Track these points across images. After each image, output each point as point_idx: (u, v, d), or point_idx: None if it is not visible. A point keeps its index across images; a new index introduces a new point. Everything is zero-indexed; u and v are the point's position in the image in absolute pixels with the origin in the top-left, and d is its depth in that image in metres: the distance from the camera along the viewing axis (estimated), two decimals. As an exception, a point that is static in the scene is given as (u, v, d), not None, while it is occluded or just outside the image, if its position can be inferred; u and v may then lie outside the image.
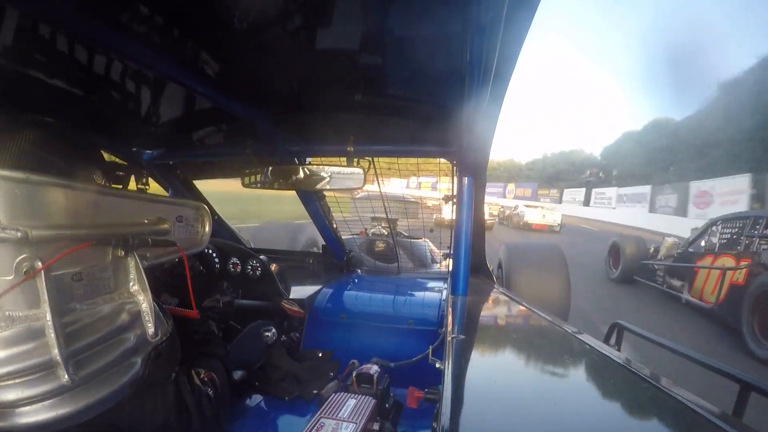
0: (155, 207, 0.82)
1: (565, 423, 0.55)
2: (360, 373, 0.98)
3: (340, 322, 1.47)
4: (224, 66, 0.89)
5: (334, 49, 0.84)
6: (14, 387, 0.53)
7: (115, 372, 0.64)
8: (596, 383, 0.73)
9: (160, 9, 0.68)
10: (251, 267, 1.62)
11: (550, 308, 1.38)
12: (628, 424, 0.57)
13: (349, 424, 0.73)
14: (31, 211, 0.55)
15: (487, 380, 0.71)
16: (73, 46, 0.76)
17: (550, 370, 0.80)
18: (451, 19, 0.67)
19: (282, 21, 0.73)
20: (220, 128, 1.37)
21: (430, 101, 1.05)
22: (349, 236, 2.18)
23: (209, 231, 0.98)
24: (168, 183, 1.65)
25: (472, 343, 0.87)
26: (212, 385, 0.86)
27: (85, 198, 0.63)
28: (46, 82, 0.83)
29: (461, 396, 0.60)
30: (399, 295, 1.59)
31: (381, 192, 1.68)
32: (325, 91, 1.05)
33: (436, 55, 0.81)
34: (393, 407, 0.97)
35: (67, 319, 0.58)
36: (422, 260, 2.24)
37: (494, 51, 0.63)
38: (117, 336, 0.65)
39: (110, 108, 1.05)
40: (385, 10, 0.69)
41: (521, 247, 2.68)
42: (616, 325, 1.21)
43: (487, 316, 1.25)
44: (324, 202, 1.74)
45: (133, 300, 0.70)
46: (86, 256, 0.62)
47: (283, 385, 1.22)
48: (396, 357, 1.20)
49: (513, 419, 0.56)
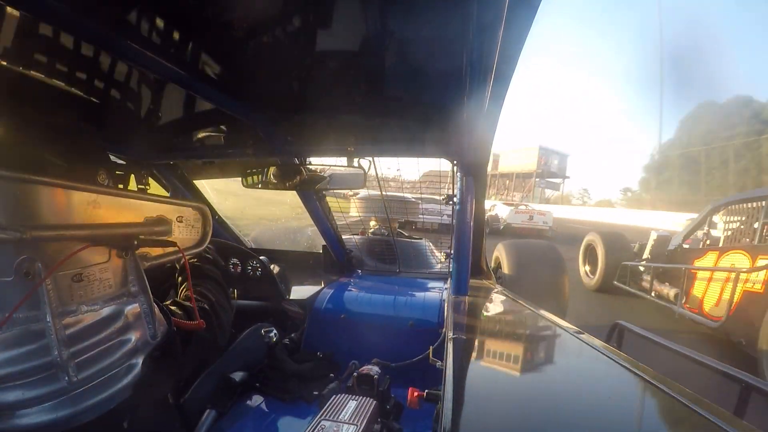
0: (156, 207, 0.82)
1: (565, 423, 0.55)
2: (361, 374, 0.98)
3: (341, 322, 1.46)
4: (225, 67, 0.89)
5: (335, 50, 0.84)
6: (15, 389, 0.53)
7: (115, 373, 0.64)
8: (597, 383, 0.73)
9: (161, 10, 0.68)
10: (251, 267, 1.62)
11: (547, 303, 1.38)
12: (628, 425, 0.57)
13: (350, 426, 0.73)
14: (31, 211, 0.55)
15: (488, 380, 0.71)
16: (73, 47, 0.76)
17: (551, 370, 0.80)
18: (452, 20, 0.67)
19: (282, 22, 0.73)
20: (221, 129, 1.37)
21: (430, 101, 1.05)
22: (350, 236, 2.18)
23: (210, 231, 0.98)
24: (168, 183, 1.65)
25: (473, 344, 0.87)
26: (205, 299, 0.88)
27: (85, 198, 0.63)
28: (46, 82, 0.83)
29: (462, 396, 0.60)
30: (399, 296, 1.59)
31: (381, 192, 1.68)
32: (326, 92, 1.04)
33: (436, 55, 0.80)
34: (393, 408, 0.97)
35: (68, 321, 0.57)
36: (423, 260, 2.24)
37: (494, 51, 0.63)
38: (117, 337, 0.65)
39: (110, 108, 1.05)
40: (385, 11, 0.69)
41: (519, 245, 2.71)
42: (617, 325, 1.20)
43: (487, 316, 1.25)
44: (324, 202, 1.74)
45: (133, 301, 0.70)
46: (86, 257, 0.62)
47: (283, 387, 1.21)
48: (396, 357, 1.20)
49: (514, 419, 0.56)
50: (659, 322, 3.85)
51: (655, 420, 0.58)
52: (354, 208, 2.83)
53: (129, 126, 1.22)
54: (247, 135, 1.31)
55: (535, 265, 2.53)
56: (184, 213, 0.90)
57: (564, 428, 0.54)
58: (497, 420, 0.55)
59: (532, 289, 2.29)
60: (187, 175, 1.72)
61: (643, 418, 0.59)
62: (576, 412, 0.58)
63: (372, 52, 0.82)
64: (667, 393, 0.59)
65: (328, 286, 1.66)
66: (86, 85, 0.90)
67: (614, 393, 0.67)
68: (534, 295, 2.11)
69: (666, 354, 1.03)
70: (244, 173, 1.44)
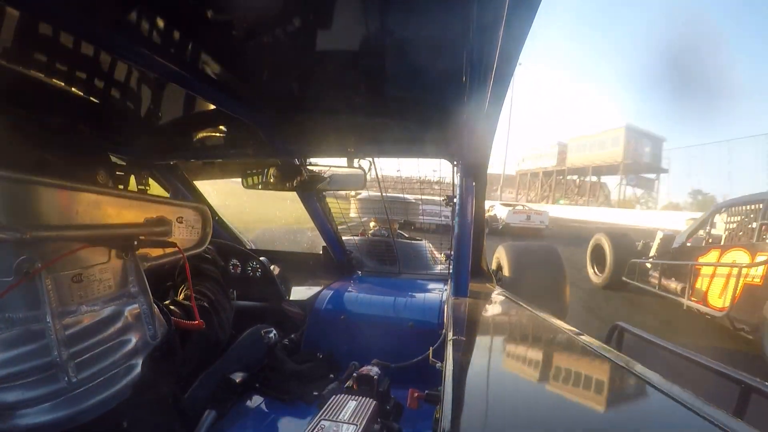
0: (156, 208, 0.82)
1: (565, 424, 0.55)
2: (360, 374, 0.97)
3: (341, 323, 1.46)
4: (225, 67, 0.89)
5: (335, 50, 0.84)
6: (15, 389, 0.53)
7: (115, 374, 0.64)
8: (597, 384, 0.73)
9: (161, 10, 0.68)
10: (251, 268, 1.62)
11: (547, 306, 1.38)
12: (628, 425, 0.57)
13: (350, 426, 0.72)
14: (31, 211, 0.55)
15: (488, 381, 0.71)
16: (73, 47, 0.76)
17: (551, 371, 0.80)
18: (452, 20, 0.67)
19: (283, 22, 0.73)
20: (221, 129, 1.37)
21: (430, 101, 1.05)
22: (350, 237, 2.18)
23: (210, 232, 0.98)
24: (169, 184, 1.65)
25: (473, 345, 0.87)
26: (205, 298, 0.88)
27: (85, 199, 0.63)
28: (46, 82, 0.83)
29: (462, 397, 0.60)
30: (399, 297, 1.59)
31: (381, 192, 1.68)
32: (326, 92, 1.05)
33: (436, 56, 0.81)
34: (393, 408, 0.97)
35: (68, 321, 0.57)
36: (423, 262, 2.24)
37: (494, 51, 0.63)
38: (117, 338, 0.65)
39: (111, 108, 1.05)
40: (385, 11, 0.69)
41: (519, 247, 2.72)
42: (617, 327, 1.20)
43: (487, 317, 1.25)
44: (325, 203, 1.74)
45: (133, 301, 0.70)
46: (86, 258, 0.62)
47: (283, 387, 1.21)
48: (396, 358, 1.19)
49: (514, 420, 0.56)
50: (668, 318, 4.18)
51: (654, 421, 0.58)
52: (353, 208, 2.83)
53: (129, 126, 1.22)
54: (247, 135, 1.31)
55: (535, 267, 2.53)
56: (184, 213, 0.90)
57: (564, 429, 0.54)
58: (497, 421, 0.55)
59: (532, 292, 2.29)
60: (187, 176, 1.72)
61: (642, 419, 0.59)
62: (576, 414, 0.58)
63: (372, 53, 0.82)
64: (667, 394, 0.59)
65: (328, 287, 1.66)
66: (86, 85, 0.90)
67: (614, 394, 0.67)
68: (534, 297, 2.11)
69: (666, 355, 1.03)
70: (245, 174, 1.44)
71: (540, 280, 2.44)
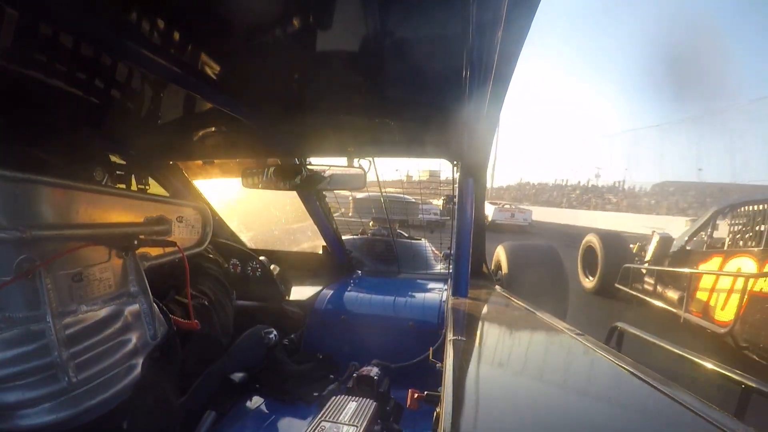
0: (155, 207, 0.82)
1: (565, 425, 0.55)
2: (360, 375, 0.98)
3: (341, 323, 1.46)
4: (225, 67, 0.89)
5: (335, 50, 0.84)
6: (15, 389, 0.53)
7: (115, 374, 0.63)
8: (597, 385, 0.73)
9: (161, 10, 0.68)
10: (251, 268, 1.62)
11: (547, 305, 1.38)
12: (628, 426, 0.57)
13: (350, 427, 0.72)
14: (31, 211, 0.55)
15: (488, 382, 0.71)
16: (73, 47, 0.76)
17: (551, 371, 0.80)
18: (451, 20, 0.67)
19: (282, 23, 0.73)
20: (221, 129, 1.37)
21: (430, 102, 1.05)
22: (350, 237, 2.18)
23: (210, 231, 0.97)
24: (168, 183, 1.65)
25: (473, 345, 0.87)
26: (205, 297, 0.88)
27: (85, 198, 0.63)
28: (46, 82, 0.83)
29: (462, 398, 0.60)
30: (399, 297, 1.58)
31: (381, 192, 1.68)
32: (326, 92, 1.05)
33: (436, 56, 0.81)
34: (393, 409, 0.97)
35: (68, 321, 0.57)
36: (422, 261, 2.24)
37: (494, 51, 0.63)
38: (117, 338, 0.65)
39: (111, 108, 1.05)
40: (385, 12, 0.69)
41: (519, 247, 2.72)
42: (617, 327, 1.20)
43: (487, 317, 1.24)
44: (324, 202, 1.74)
45: (133, 301, 0.70)
46: (86, 257, 0.62)
47: (283, 388, 1.21)
48: (396, 358, 1.19)
49: (514, 421, 0.56)
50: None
51: (654, 422, 0.58)
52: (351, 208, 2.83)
53: (129, 126, 1.22)
54: (247, 135, 1.31)
55: (535, 267, 2.53)
56: (184, 213, 0.90)
57: (564, 430, 0.54)
58: (497, 422, 0.55)
59: (533, 291, 2.29)
60: (187, 176, 1.72)
61: (642, 420, 0.59)
62: (576, 414, 0.58)
63: (372, 53, 0.82)
64: (667, 395, 0.59)
65: (328, 287, 1.66)
66: (86, 85, 0.90)
67: (614, 395, 0.67)
68: (534, 296, 2.11)
69: (666, 356, 1.03)
70: (244, 173, 1.44)
71: (540, 280, 2.44)
